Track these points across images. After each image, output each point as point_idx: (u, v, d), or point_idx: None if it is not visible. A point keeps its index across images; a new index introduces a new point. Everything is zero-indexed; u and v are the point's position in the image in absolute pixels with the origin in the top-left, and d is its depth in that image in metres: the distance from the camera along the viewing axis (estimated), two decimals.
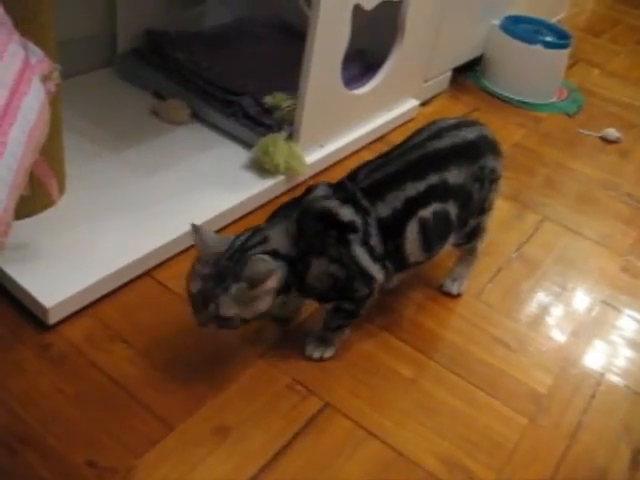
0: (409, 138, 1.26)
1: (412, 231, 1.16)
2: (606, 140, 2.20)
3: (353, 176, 1.19)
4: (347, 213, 1.12)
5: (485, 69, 2.40)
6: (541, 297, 1.51)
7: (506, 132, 2.12)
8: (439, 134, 1.24)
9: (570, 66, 2.65)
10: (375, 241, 1.14)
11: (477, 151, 1.27)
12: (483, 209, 1.33)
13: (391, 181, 1.17)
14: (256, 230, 1.12)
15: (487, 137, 1.31)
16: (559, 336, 1.42)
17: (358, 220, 1.12)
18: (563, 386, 1.30)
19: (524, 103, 2.31)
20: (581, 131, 2.23)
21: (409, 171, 1.18)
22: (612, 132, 2.20)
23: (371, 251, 1.13)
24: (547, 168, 2.00)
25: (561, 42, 2.33)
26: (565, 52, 2.34)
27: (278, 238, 1.10)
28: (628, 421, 1.26)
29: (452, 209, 1.21)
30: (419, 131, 1.27)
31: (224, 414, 1.12)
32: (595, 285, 1.58)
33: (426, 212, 1.17)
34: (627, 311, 1.53)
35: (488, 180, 1.29)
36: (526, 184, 1.89)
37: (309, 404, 1.16)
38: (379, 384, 1.22)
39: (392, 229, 1.15)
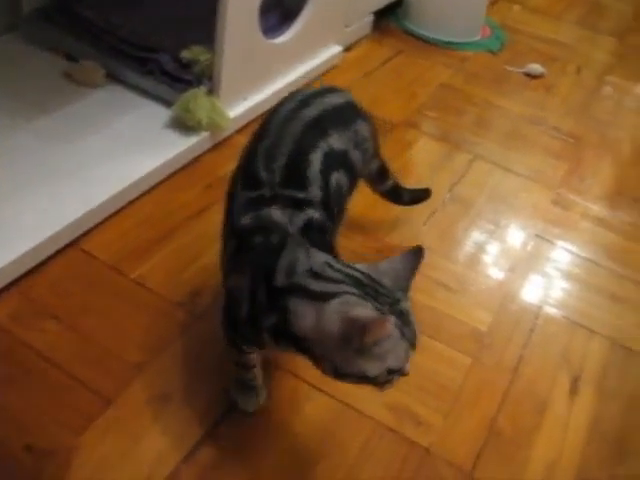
0: (274, 112, 1.07)
1: None
2: (530, 75, 2.20)
3: (256, 178, 0.96)
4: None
5: (407, 11, 2.36)
6: (477, 236, 1.51)
7: (432, 73, 2.10)
8: (306, 102, 1.08)
9: (492, 3, 2.63)
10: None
11: (349, 116, 1.14)
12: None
13: (296, 163, 0.98)
14: None
15: (353, 102, 1.17)
16: (497, 273, 1.42)
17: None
18: (503, 323, 1.31)
19: (448, 43, 2.29)
20: (506, 68, 2.22)
21: (303, 146, 1.00)
22: (536, 67, 2.20)
23: None
24: (475, 107, 1.99)
25: None
26: None
27: None
28: (566, 350, 1.29)
29: (342, 177, 1.06)
30: (281, 104, 1.10)
31: (162, 381, 1.09)
32: (528, 220, 1.59)
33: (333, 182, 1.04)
34: (560, 243, 1.54)
35: (362, 146, 1.14)
36: (455, 124, 1.88)
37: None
38: None
39: None
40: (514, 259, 1.47)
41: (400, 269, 0.87)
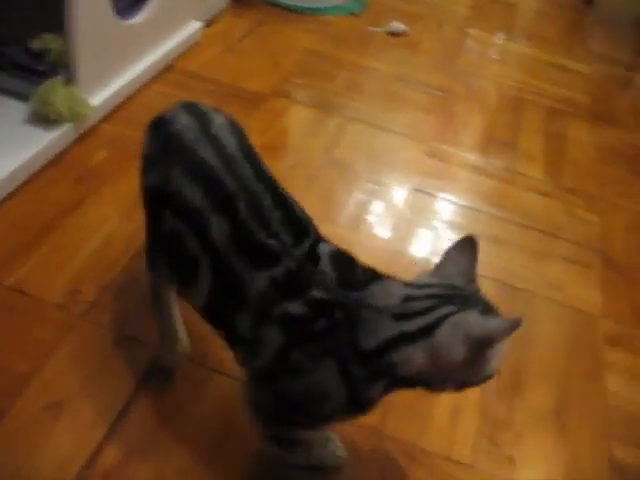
0: (184, 160, 0.89)
1: None
2: (393, 34, 2.22)
3: (264, 248, 0.84)
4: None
5: None
6: (357, 197, 1.52)
7: (296, 41, 2.09)
8: (208, 133, 0.93)
9: None
10: None
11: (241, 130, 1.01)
12: None
13: (286, 210, 0.89)
14: None
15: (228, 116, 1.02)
16: (382, 232, 1.44)
17: None
18: None
19: (309, 9, 2.28)
20: (369, 29, 2.24)
21: (269, 185, 0.90)
22: (398, 25, 2.23)
23: None
24: (343, 70, 1.99)
25: None
26: None
27: None
28: None
29: None
30: (179, 144, 0.91)
31: (54, 388, 1.04)
32: (406, 175, 1.61)
33: None
34: (440, 195, 1.58)
35: None
36: (325, 89, 1.88)
37: (143, 355, 1.10)
38: None
39: None
40: (397, 216, 1.49)
41: (461, 263, 0.85)
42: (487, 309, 0.80)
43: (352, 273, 0.85)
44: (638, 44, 2.73)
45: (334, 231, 1.39)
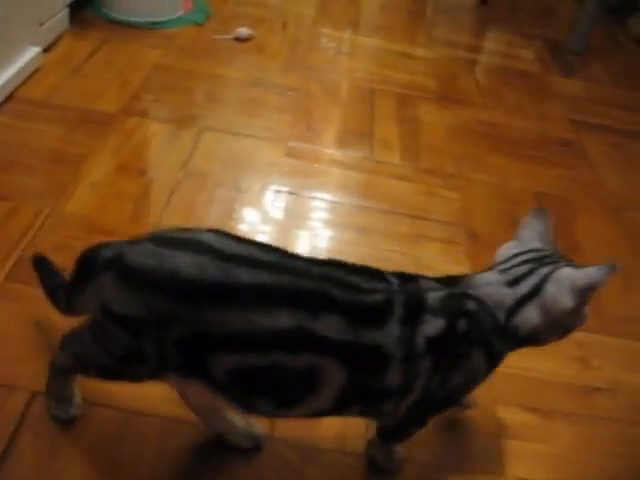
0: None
1: None
2: (240, 40, 2.21)
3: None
4: None
5: None
6: (221, 206, 1.49)
7: (143, 56, 2.04)
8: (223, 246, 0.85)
9: None
10: None
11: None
12: None
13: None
14: None
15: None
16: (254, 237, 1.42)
17: None
18: None
19: (153, 24, 2.23)
20: (215, 37, 2.22)
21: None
22: (243, 31, 2.22)
23: None
24: (194, 81, 1.96)
25: None
26: None
27: None
28: None
29: None
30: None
31: None
32: (267, 178, 1.61)
33: None
34: (304, 193, 1.58)
35: None
36: (176, 102, 1.85)
37: (14, 401, 1.04)
38: None
39: None
40: (263, 220, 1.48)
41: (537, 228, 0.96)
42: (571, 262, 0.92)
43: (423, 280, 0.90)
44: (475, 27, 2.85)
45: None
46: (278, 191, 1.57)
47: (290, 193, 1.57)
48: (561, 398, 1.22)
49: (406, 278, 0.88)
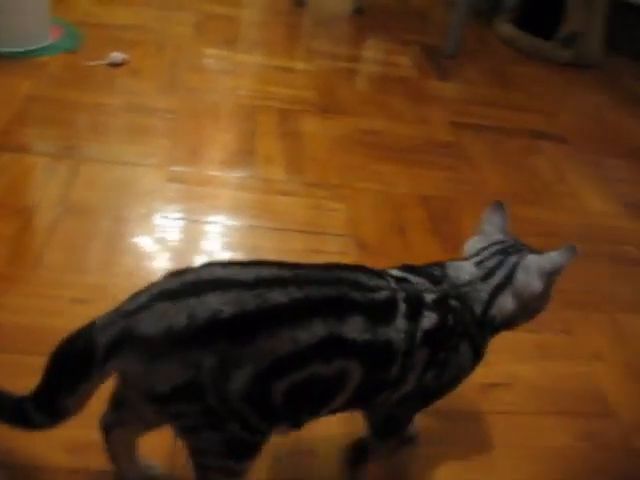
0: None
1: None
2: (115, 65, 2.16)
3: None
4: None
5: None
6: (105, 239, 1.44)
7: (14, 88, 1.95)
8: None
9: (57, 2, 2.53)
10: None
11: None
12: None
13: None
14: None
15: None
16: (135, 269, 1.38)
17: None
18: None
19: (20, 53, 2.15)
20: (89, 64, 2.16)
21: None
22: (117, 55, 2.17)
23: None
24: (69, 110, 1.90)
25: None
26: None
27: None
28: None
29: None
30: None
31: None
32: (151, 205, 1.57)
33: None
34: (192, 217, 1.56)
35: None
36: (52, 134, 1.78)
37: None
38: None
39: None
40: (147, 247, 1.44)
41: (499, 222, 1.03)
42: (532, 249, 0.99)
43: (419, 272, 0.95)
44: (353, 37, 2.90)
45: (85, 280, 1.32)
46: (164, 217, 1.54)
47: (176, 219, 1.54)
48: (461, 398, 1.24)
49: (399, 277, 0.92)
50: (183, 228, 1.52)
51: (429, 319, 0.89)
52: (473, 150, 2.08)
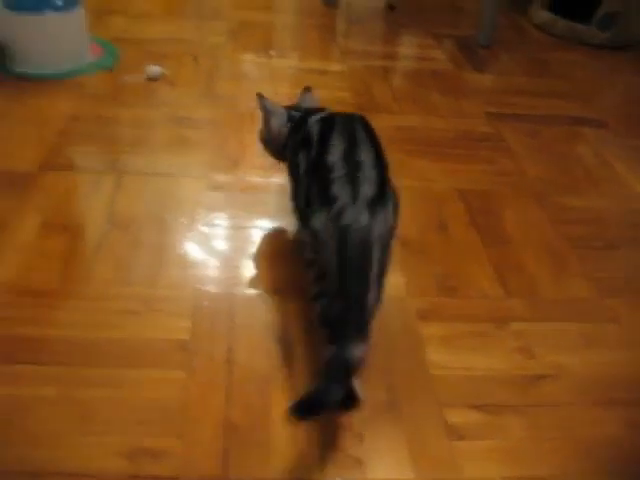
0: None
1: None
2: (152, 79, 2.21)
3: None
4: None
5: (11, 56, 2.22)
6: (149, 250, 1.48)
7: (58, 109, 2.01)
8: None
9: (94, 22, 2.59)
10: None
11: None
12: None
13: None
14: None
15: None
16: (182, 279, 1.41)
17: None
18: (202, 323, 1.31)
19: (63, 74, 2.21)
20: (127, 79, 2.21)
21: None
22: (154, 69, 2.22)
23: None
24: (110, 126, 1.95)
25: (70, 1, 2.25)
26: (79, 10, 2.26)
27: None
28: (269, 320, 1.32)
29: None
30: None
31: None
32: (193, 214, 1.60)
33: None
34: (237, 224, 1.59)
35: None
36: (95, 150, 1.83)
37: None
38: (22, 415, 1.10)
39: None
40: (193, 256, 1.48)
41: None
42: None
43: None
44: (386, 34, 2.90)
45: (134, 291, 1.36)
46: (208, 225, 1.57)
47: (220, 227, 1.57)
48: (507, 392, 1.24)
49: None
50: (227, 235, 1.55)
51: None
52: (511, 140, 2.06)
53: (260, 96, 1.52)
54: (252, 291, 1.39)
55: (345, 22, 2.97)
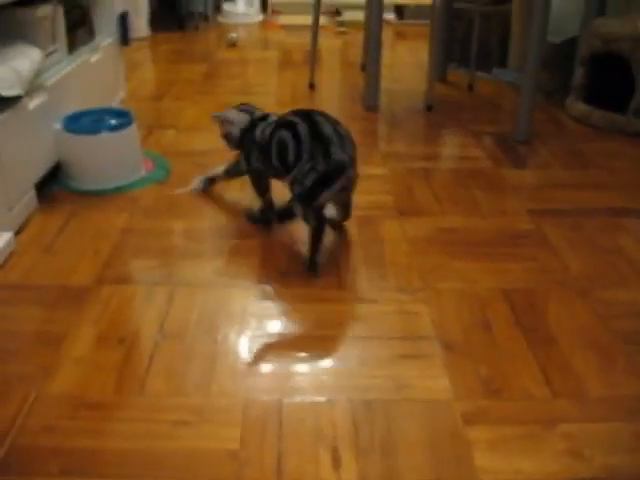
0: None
1: None
2: (198, 190, 2.32)
3: None
4: None
5: (67, 172, 2.38)
6: (202, 360, 1.53)
7: (111, 223, 2.13)
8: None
9: (146, 136, 2.75)
10: None
11: None
12: None
13: None
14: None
15: None
16: (232, 388, 1.45)
17: None
18: (251, 430, 1.33)
19: (116, 189, 2.34)
20: (177, 191, 2.32)
21: None
22: (201, 182, 2.34)
23: None
24: (162, 239, 2.04)
25: (123, 121, 2.40)
26: (131, 128, 2.42)
27: None
28: (317, 427, 1.34)
29: None
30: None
31: None
32: (244, 324, 1.65)
33: None
34: (283, 331, 1.62)
35: None
36: (147, 263, 1.91)
37: None
38: None
39: None
40: (246, 367, 1.51)
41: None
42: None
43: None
44: (425, 135, 2.99)
45: (187, 402, 1.40)
46: (257, 335, 1.61)
47: (268, 335, 1.62)
48: None
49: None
50: (275, 344, 1.59)
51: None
52: (553, 236, 2.08)
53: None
54: (299, 399, 1.42)
55: (386, 125, 3.08)
